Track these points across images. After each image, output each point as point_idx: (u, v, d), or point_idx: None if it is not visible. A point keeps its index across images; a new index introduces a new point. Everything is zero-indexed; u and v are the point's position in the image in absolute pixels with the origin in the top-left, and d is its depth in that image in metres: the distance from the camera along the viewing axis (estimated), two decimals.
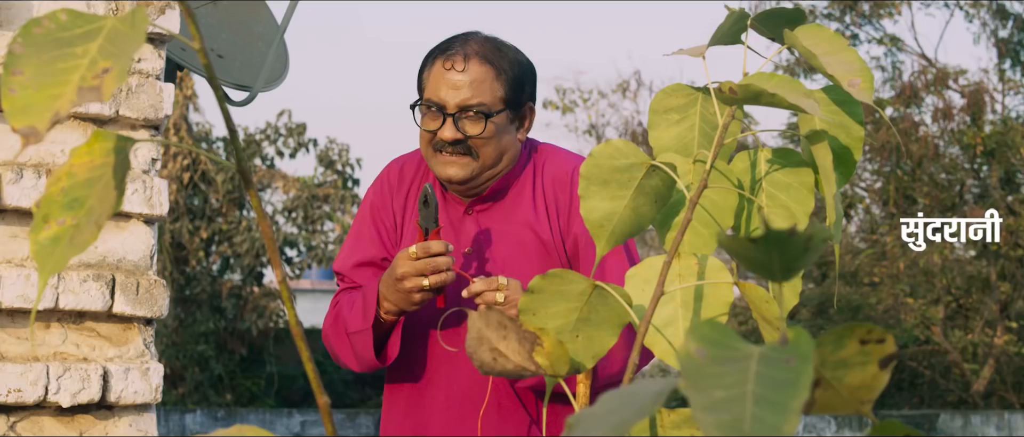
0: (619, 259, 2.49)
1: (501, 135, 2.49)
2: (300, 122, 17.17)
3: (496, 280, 2.39)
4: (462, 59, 2.46)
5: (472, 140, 2.46)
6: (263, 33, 3.64)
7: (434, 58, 2.51)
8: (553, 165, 2.58)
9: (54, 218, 0.83)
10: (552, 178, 2.56)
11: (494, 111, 2.46)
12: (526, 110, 2.55)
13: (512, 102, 2.49)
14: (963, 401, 15.93)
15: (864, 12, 16.82)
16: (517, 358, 1.05)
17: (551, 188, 2.55)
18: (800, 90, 1.06)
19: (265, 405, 16.29)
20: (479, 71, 2.46)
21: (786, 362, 0.71)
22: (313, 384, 0.90)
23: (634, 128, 20.08)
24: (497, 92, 2.47)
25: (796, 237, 0.77)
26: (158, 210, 2.64)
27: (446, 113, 2.45)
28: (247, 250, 15.97)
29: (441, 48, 2.52)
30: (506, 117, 2.49)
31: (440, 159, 2.49)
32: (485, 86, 2.46)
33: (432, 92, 2.47)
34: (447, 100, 2.45)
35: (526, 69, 2.54)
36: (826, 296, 16.14)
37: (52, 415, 2.55)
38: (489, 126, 2.46)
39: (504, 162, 2.52)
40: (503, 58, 2.49)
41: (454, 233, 2.55)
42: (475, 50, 2.48)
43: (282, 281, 0.90)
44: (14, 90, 0.78)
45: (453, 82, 2.45)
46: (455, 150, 2.46)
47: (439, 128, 2.46)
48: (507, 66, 2.49)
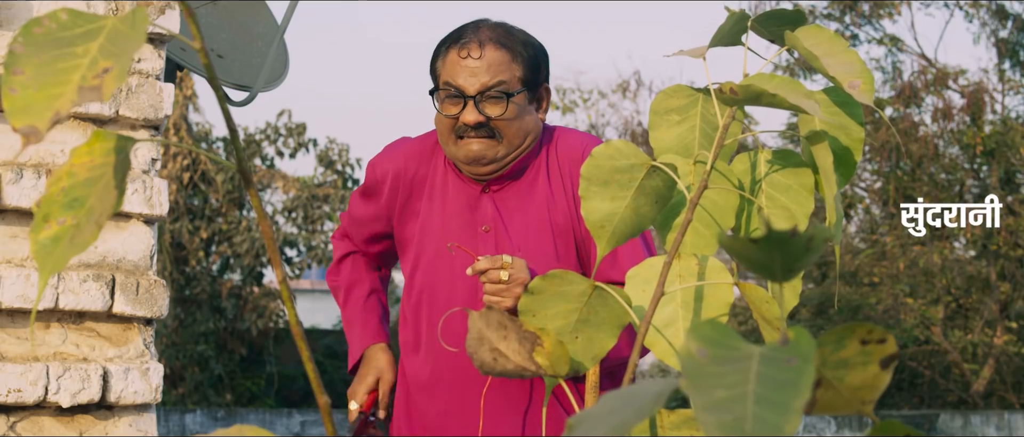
0: (633, 244, 2.50)
1: (522, 115, 2.51)
2: (300, 122, 17.16)
3: (500, 258, 2.40)
4: (478, 46, 2.48)
5: (495, 122, 2.48)
6: (263, 33, 3.64)
7: (447, 47, 2.53)
8: (566, 145, 2.60)
9: (54, 218, 0.83)
10: (567, 158, 2.58)
11: (514, 91, 2.48)
12: (542, 91, 2.58)
13: (530, 82, 2.52)
14: (963, 401, 15.92)
15: (864, 12, 16.82)
16: (517, 358, 1.05)
17: (567, 168, 2.58)
18: (800, 91, 1.06)
19: (265, 405, 16.29)
20: (495, 55, 2.48)
21: (787, 362, 0.71)
22: (313, 384, 0.90)
23: (634, 128, 20.08)
24: (516, 72, 2.49)
25: (797, 238, 0.77)
26: (158, 210, 2.64)
27: (466, 97, 2.47)
28: (247, 250, 15.96)
29: (453, 37, 2.53)
30: (525, 97, 2.52)
31: (462, 143, 2.50)
32: (503, 68, 2.48)
33: (450, 77, 2.49)
34: (466, 85, 2.47)
35: (540, 50, 2.57)
36: (826, 296, 16.14)
37: (52, 415, 2.55)
38: (511, 106, 2.48)
39: (528, 142, 2.54)
40: (516, 41, 2.52)
41: (470, 212, 2.56)
42: (488, 36, 2.50)
43: (282, 281, 0.90)
44: (14, 90, 0.78)
45: (471, 68, 2.47)
46: (479, 133, 2.49)
47: (460, 112, 2.48)
48: (521, 48, 2.52)
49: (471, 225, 2.54)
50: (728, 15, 1.16)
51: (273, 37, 3.56)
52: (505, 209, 2.55)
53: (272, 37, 3.57)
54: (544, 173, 2.57)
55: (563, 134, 2.63)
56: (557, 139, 2.61)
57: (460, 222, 2.55)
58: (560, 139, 2.61)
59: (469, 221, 2.55)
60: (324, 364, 17.14)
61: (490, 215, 2.55)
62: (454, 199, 2.57)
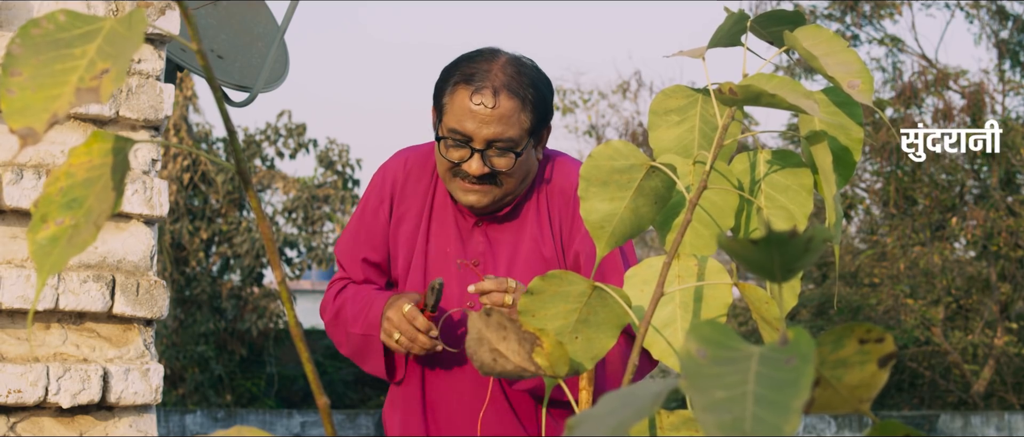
0: (617, 273, 2.48)
1: (525, 165, 2.49)
2: (300, 122, 17.15)
3: (506, 281, 2.39)
4: (491, 95, 2.42)
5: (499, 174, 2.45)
6: (263, 33, 3.64)
7: (457, 83, 2.46)
8: (560, 178, 2.58)
9: (52, 218, 0.83)
10: (558, 192, 2.56)
11: (521, 147, 2.45)
12: (544, 131, 2.54)
13: (536, 130, 2.49)
14: (963, 402, 15.92)
15: (865, 13, 16.82)
16: (517, 359, 1.05)
17: (556, 203, 2.56)
18: (800, 91, 1.06)
19: (265, 406, 16.29)
20: (508, 106, 2.42)
21: (786, 362, 0.71)
22: (313, 385, 0.90)
23: (634, 129, 20.07)
24: (524, 124, 2.45)
25: (796, 238, 0.77)
26: (158, 211, 2.64)
27: (474, 148, 2.43)
28: (247, 251, 15.96)
29: (465, 75, 2.46)
30: (531, 146, 2.49)
31: (461, 186, 2.47)
32: (513, 120, 2.43)
33: (457, 122, 2.44)
34: (475, 134, 2.42)
35: (548, 92, 2.51)
36: (826, 297, 16.14)
37: (52, 416, 2.55)
38: (517, 162, 2.45)
39: (525, 183, 2.54)
40: (527, 87, 2.46)
41: (462, 244, 2.55)
42: (502, 81, 2.43)
43: (282, 282, 0.90)
44: (12, 91, 0.78)
45: (481, 117, 2.42)
46: (480, 182, 2.46)
47: (465, 160, 2.44)
48: (532, 95, 2.46)
49: (462, 258, 2.54)
50: (727, 16, 1.16)
51: (273, 37, 3.56)
52: (496, 242, 2.55)
53: (272, 38, 3.57)
54: (534, 207, 2.56)
55: (557, 166, 2.60)
56: (550, 172, 2.58)
57: (452, 254, 2.55)
58: (554, 171, 2.58)
59: (460, 253, 2.54)
60: (324, 365, 17.14)
61: (481, 249, 2.55)
62: (450, 227, 2.56)
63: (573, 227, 2.53)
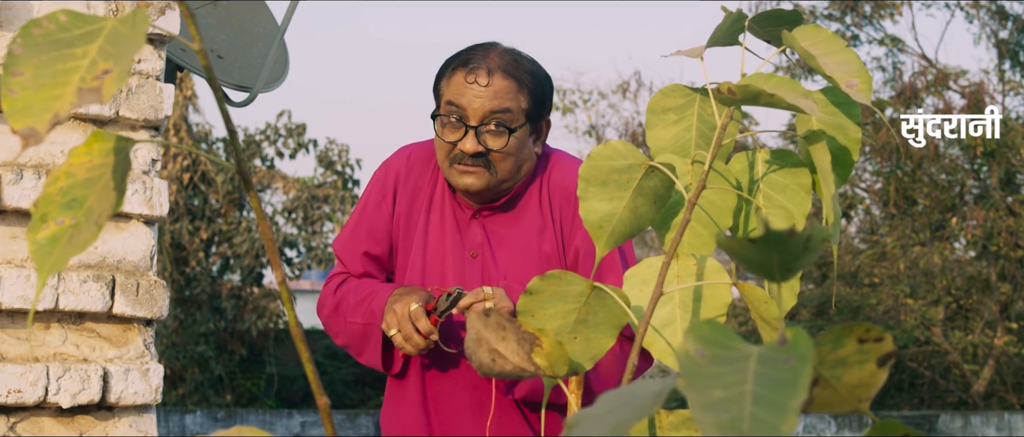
0: (616, 272, 2.49)
1: (520, 150, 2.50)
2: (300, 122, 17.15)
3: (481, 291, 2.41)
4: (486, 73, 2.46)
5: (492, 154, 2.46)
6: (263, 33, 3.64)
7: (454, 68, 2.50)
8: (560, 175, 2.59)
9: (52, 218, 0.83)
10: (558, 188, 2.57)
11: (516, 126, 2.47)
12: (543, 124, 2.56)
13: (533, 116, 2.51)
14: (963, 402, 15.92)
15: (865, 13, 16.82)
16: (516, 359, 1.05)
17: (557, 199, 2.57)
18: (798, 91, 1.06)
19: (265, 406, 16.28)
20: (502, 85, 2.46)
21: (785, 362, 0.71)
22: (313, 385, 0.90)
23: (634, 129, 20.07)
24: (521, 104, 2.47)
25: (795, 238, 0.77)
26: (158, 211, 2.64)
27: (468, 125, 2.46)
28: (247, 251, 15.96)
29: (462, 60, 2.51)
30: (526, 131, 2.50)
31: (457, 169, 2.49)
32: (508, 97, 2.46)
33: (453, 99, 2.47)
34: (470, 109, 2.45)
35: (546, 83, 2.54)
36: (826, 297, 16.14)
37: (52, 416, 2.55)
38: (511, 141, 2.47)
39: (521, 174, 2.54)
40: (524, 72, 2.50)
41: (460, 236, 2.56)
42: (497, 63, 2.48)
43: (282, 282, 0.91)
44: (14, 91, 0.78)
45: (476, 92, 2.45)
46: (475, 161, 2.47)
47: (460, 139, 2.47)
48: (528, 80, 2.49)
49: (460, 249, 2.55)
50: (726, 15, 1.16)
51: (273, 37, 3.56)
52: (494, 235, 2.56)
53: (272, 37, 3.58)
54: (535, 202, 2.57)
55: (558, 162, 2.61)
56: (551, 168, 2.60)
57: (449, 245, 2.56)
58: (554, 168, 2.59)
59: (458, 244, 2.55)
60: (324, 365, 17.13)
61: (479, 240, 2.55)
62: (448, 218, 2.57)
63: (573, 224, 2.55)
